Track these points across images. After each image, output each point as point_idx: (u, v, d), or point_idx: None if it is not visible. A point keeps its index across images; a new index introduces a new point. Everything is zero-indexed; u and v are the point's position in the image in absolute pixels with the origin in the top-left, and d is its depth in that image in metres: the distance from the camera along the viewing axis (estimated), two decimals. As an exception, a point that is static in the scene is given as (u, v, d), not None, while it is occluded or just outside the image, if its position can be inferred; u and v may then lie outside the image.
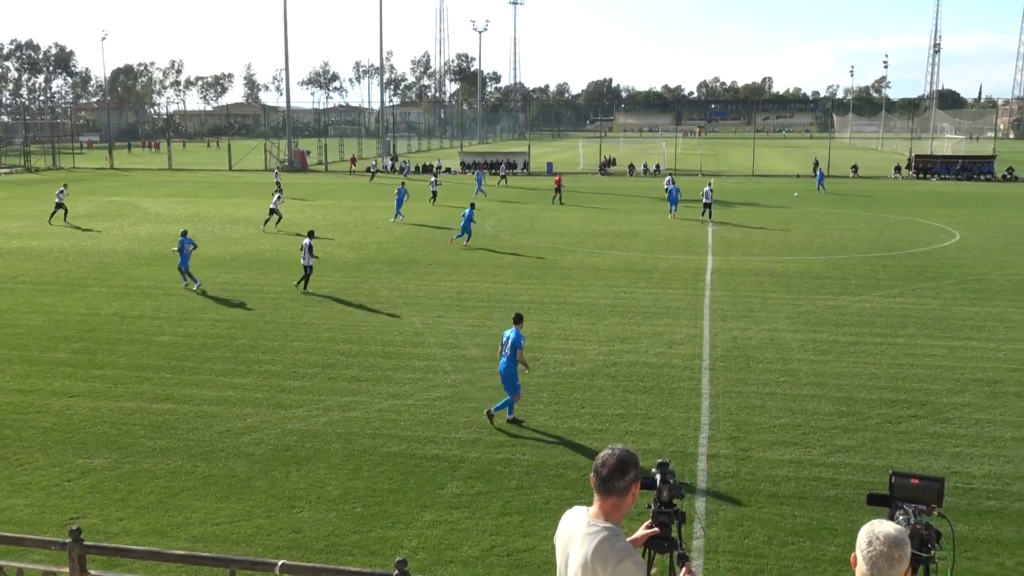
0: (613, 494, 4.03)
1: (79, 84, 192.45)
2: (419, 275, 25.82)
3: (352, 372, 16.17)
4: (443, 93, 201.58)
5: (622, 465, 4.01)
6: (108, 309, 21.42)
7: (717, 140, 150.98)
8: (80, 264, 27.95)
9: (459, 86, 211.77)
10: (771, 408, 14.16)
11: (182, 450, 12.52)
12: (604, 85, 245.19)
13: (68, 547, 4.85)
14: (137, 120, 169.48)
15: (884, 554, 3.29)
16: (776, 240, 32.93)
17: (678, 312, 20.91)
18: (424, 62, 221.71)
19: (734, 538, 9.92)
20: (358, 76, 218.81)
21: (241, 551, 9.52)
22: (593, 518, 4.07)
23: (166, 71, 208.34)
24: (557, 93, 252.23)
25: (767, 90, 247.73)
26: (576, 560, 4.03)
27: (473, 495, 11.05)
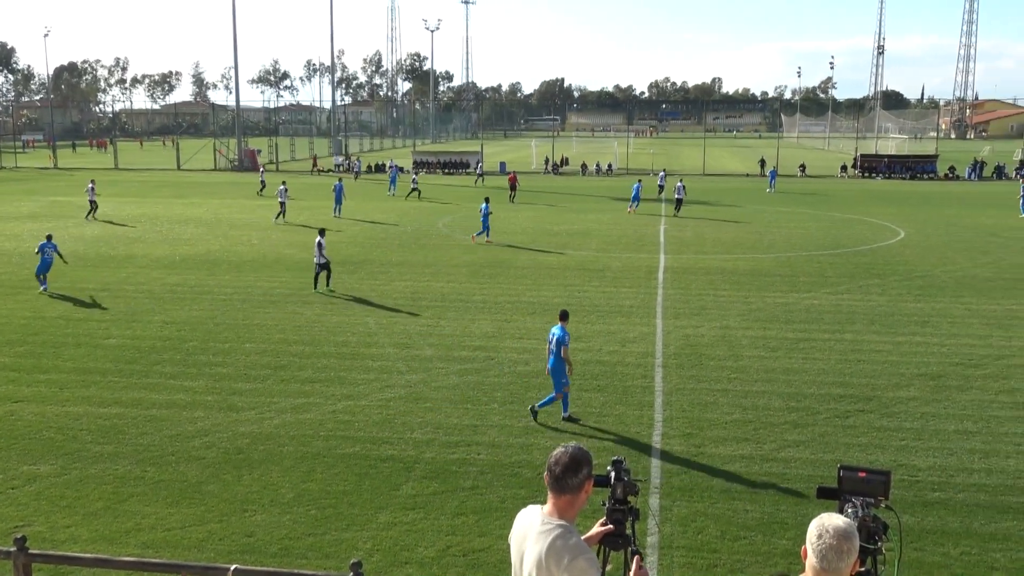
0: (567, 492, 4.06)
1: (21, 82, 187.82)
2: (372, 275, 25.67)
3: (305, 373, 16.02)
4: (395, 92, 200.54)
5: (575, 463, 4.04)
6: (53, 312, 20.95)
7: (668, 140, 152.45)
8: (23, 266, 27.27)
9: (411, 85, 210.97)
10: (723, 404, 14.34)
11: (131, 455, 12.30)
12: (556, 85, 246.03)
13: (13, 556, 4.73)
14: (82, 119, 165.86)
15: (833, 547, 3.34)
16: (727, 239, 33.35)
17: (631, 311, 21.08)
18: (376, 61, 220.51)
19: (688, 534, 10.03)
20: (309, 75, 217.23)
21: (193, 556, 9.39)
22: (547, 516, 4.09)
23: (111, 69, 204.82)
24: (510, 92, 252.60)
25: (717, 90, 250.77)
26: (530, 558, 4.04)
27: (428, 495, 11.02)
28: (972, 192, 55.60)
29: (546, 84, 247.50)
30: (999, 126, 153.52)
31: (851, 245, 31.74)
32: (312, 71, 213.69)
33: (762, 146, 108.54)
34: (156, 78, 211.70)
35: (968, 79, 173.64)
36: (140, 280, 24.94)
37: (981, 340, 18.34)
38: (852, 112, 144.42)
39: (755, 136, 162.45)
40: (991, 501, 10.87)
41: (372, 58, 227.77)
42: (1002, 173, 68.20)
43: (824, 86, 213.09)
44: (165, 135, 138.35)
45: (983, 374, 15.97)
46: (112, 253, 29.91)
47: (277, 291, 23.37)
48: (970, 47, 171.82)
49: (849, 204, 47.00)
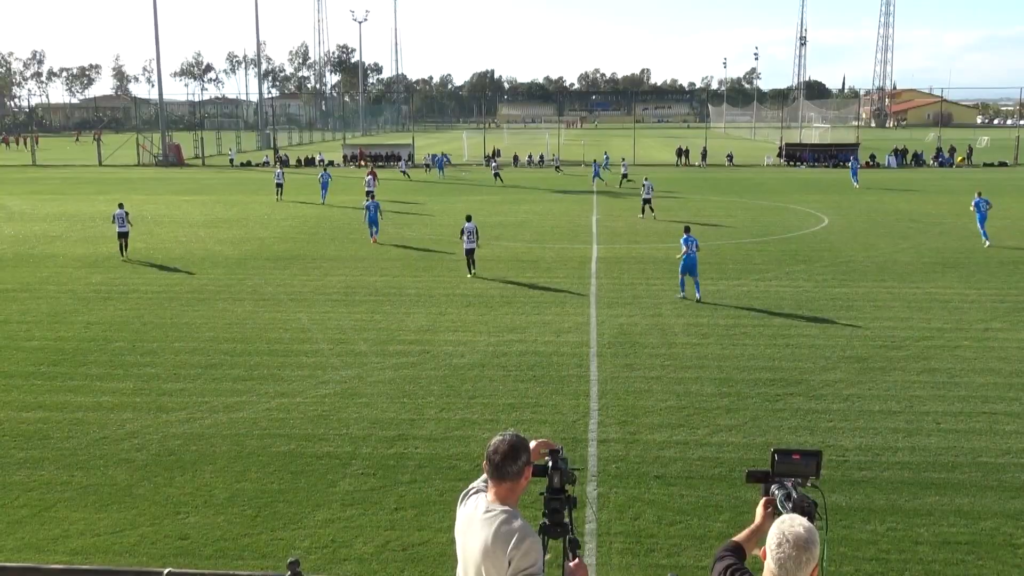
0: (507, 478, 4.13)
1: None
2: (304, 270, 25.34)
3: (237, 372, 15.75)
4: (324, 85, 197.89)
5: (513, 450, 4.12)
6: (-31, 314, 20.18)
7: (598, 131, 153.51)
8: (-64, 267, 26.22)
9: (340, 78, 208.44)
10: (657, 392, 14.54)
11: (56, 460, 11.94)
12: (487, 76, 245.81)
13: (-67, 568, 4.56)
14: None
15: (792, 557, 3.34)
16: (658, 228, 33.77)
17: (565, 301, 21.21)
18: (303, 53, 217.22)
19: (625, 520, 10.15)
20: (232, 67, 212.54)
21: (125, 561, 9.16)
22: (490, 503, 4.14)
23: (27, 62, 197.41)
24: (440, 84, 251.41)
25: (646, 81, 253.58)
26: (476, 545, 4.07)
27: (366, 491, 10.95)
28: (893, 179, 57.25)
29: (477, 76, 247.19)
30: (916, 114, 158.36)
31: (778, 232, 32.44)
32: (236, 64, 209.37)
33: (690, 136, 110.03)
34: (75, 71, 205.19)
35: (886, 69, 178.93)
36: (62, 280, 24.18)
37: (903, 323, 18.94)
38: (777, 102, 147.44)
39: (683, 126, 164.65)
40: (915, 478, 11.25)
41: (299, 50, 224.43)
42: (920, 160, 70.38)
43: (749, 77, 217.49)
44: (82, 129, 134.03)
45: (905, 355, 16.50)
46: (31, 252, 28.94)
47: (206, 288, 22.90)
48: (888, 38, 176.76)
49: (775, 192, 48.01)
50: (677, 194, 47.19)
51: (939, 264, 25.86)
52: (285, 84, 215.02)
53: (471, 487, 4.38)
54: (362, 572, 9.03)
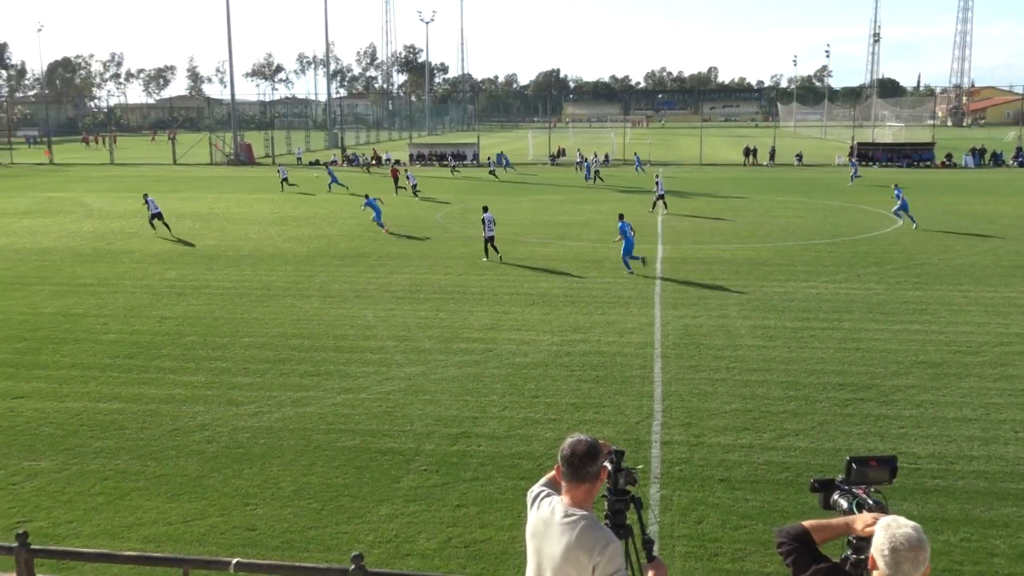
0: (586, 481, 4.08)
1: (14, 78, 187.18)
2: (370, 268, 25.66)
3: (304, 367, 16.02)
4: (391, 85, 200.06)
5: (592, 452, 4.07)
6: (51, 308, 20.93)
7: (665, 130, 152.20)
8: (20, 262, 27.25)
9: (407, 77, 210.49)
10: (722, 394, 14.36)
11: (131, 450, 12.30)
12: (552, 75, 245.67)
13: (15, 552, 4.74)
14: (77, 114, 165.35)
15: (910, 559, 3.27)
16: (724, 228, 33.34)
17: (630, 301, 21.08)
18: (371, 53, 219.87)
19: (688, 523, 10.05)
20: (302, 68, 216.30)
21: (195, 550, 9.40)
22: (568, 507, 4.08)
23: (106, 64, 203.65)
24: (505, 84, 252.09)
25: (713, 80, 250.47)
26: (555, 550, 4.03)
27: (429, 487, 11.04)
28: (970, 179, 55.58)
29: (542, 75, 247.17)
30: (996, 113, 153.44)
31: (849, 233, 31.75)
32: (305, 64, 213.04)
33: (758, 135, 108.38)
34: (151, 73, 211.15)
35: (964, 66, 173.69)
36: (137, 275, 24.91)
37: (979, 327, 18.37)
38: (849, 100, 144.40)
39: (751, 125, 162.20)
40: (990, 488, 10.90)
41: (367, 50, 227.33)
42: (999, 160, 68.17)
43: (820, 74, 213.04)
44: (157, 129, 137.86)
45: (981, 361, 16.00)
46: (109, 248, 29.87)
47: (275, 285, 23.35)
48: (966, 34, 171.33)
49: (846, 193, 46.99)
50: (744, 195, 46.53)
51: (1019, 268, 25.00)
52: (353, 84, 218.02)
53: (540, 490, 4.32)
54: (425, 568, 9.10)
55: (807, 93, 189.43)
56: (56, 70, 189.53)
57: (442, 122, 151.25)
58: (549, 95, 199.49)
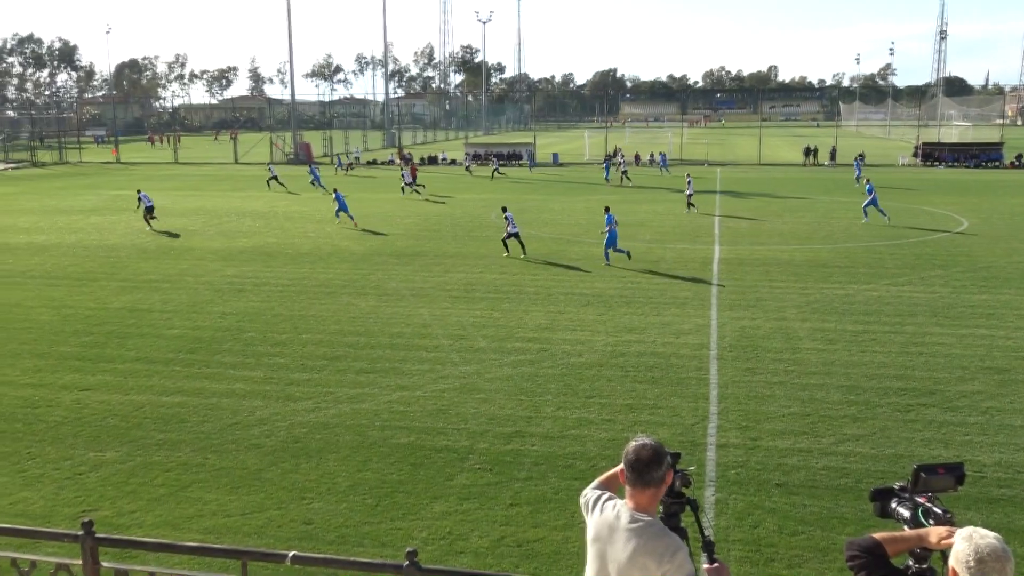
0: (651, 485, 4.02)
1: (83, 79, 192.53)
2: (426, 266, 25.83)
3: (360, 364, 16.19)
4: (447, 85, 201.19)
5: (658, 455, 4.01)
6: (117, 303, 21.48)
7: (723, 129, 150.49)
8: (87, 258, 28.02)
9: (464, 77, 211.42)
10: (780, 397, 14.14)
11: (192, 443, 12.57)
12: (609, 75, 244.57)
13: (81, 540, 4.86)
14: (143, 114, 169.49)
15: (997, 570, 3.18)
16: (784, 229, 32.85)
17: (685, 302, 20.88)
18: (428, 53, 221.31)
19: (744, 528, 9.92)
20: (361, 68, 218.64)
21: (253, 543, 9.56)
22: (635, 512, 4.03)
23: (171, 65, 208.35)
24: (562, 83, 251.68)
25: (773, 79, 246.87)
26: (621, 556, 3.98)
27: (482, 486, 11.07)
28: (1040, 180, 53.88)
29: (599, 75, 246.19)
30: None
31: (912, 235, 31.02)
32: (364, 65, 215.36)
33: (820, 134, 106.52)
34: (214, 73, 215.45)
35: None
36: (199, 272, 25.43)
37: (1049, 333, 17.79)
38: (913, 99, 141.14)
39: (812, 125, 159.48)
40: (1060, 498, 10.55)
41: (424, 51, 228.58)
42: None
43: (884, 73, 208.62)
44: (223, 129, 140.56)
45: (1051, 368, 15.49)
46: (172, 245, 30.56)
47: (333, 282, 23.64)
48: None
49: (910, 193, 45.93)
50: (803, 195, 45.77)
51: (1092, 271, 24.17)
52: (411, 84, 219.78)
53: (600, 493, 4.25)
54: (477, 566, 9.13)
55: (870, 92, 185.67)
56: (123, 71, 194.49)
57: (498, 122, 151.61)
58: (606, 95, 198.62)
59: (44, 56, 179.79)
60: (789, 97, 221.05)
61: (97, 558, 4.91)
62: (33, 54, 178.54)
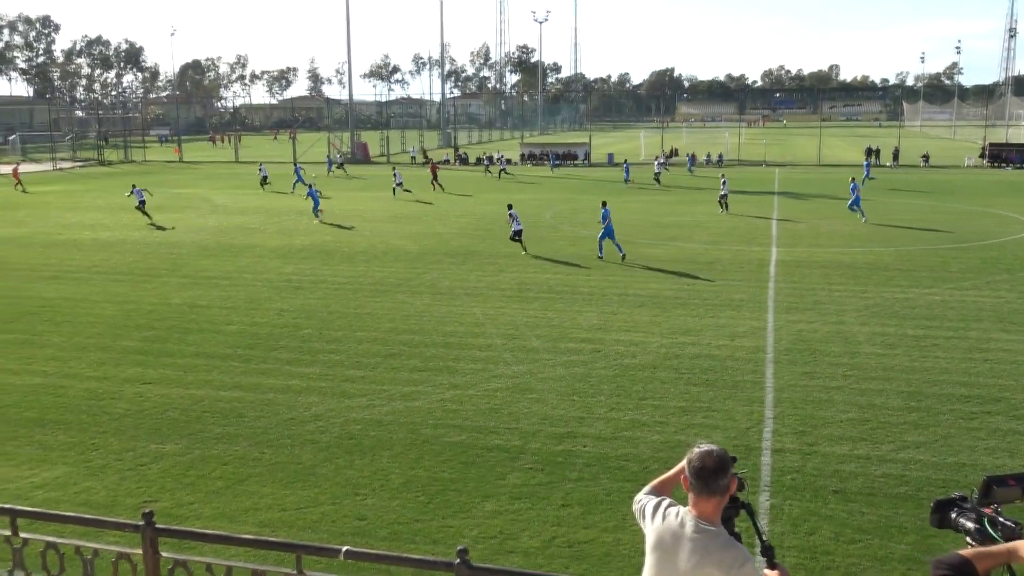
0: (716, 493, 3.95)
1: (148, 79, 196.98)
2: (480, 266, 25.91)
3: (414, 362, 16.31)
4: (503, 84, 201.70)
5: (723, 463, 3.94)
6: (178, 299, 21.95)
7: (782, 129, 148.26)
8: (151, 255, 28.69)
9: (519, 77, 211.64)
10: (838, 402, 13.89)
11: (249, 437, 12.78)
12: (666, 75, 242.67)
13: (141, 530, 4.98)
14: (205, 114, 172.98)
15: None
16: (844, 231, 32.25)
17: (741, 304, 20.63)
18: (484, 54, 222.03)
19: (799, 534, 9.76)
20: (417, 68, 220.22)
21: (307, 537, 9.68)
22: (700, 521, 3.96)
23: (232, 66, 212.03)
24: (618, 83, 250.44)
25: (834, 78, 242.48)
26: (685, 565, 3.90)
27: (534, 486, 11.06)
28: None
29: (655, 74, 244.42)
30: None
31: (977, 238, 30.21)
32: (421, 65, 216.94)
33: (882, 135, 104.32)
34: (274, 74, 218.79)
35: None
36: (258, 269, 25.87)
37: (1122, 340, 17.18)
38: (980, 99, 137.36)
39: (875, 125, 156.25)
40: None
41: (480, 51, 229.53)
42: None
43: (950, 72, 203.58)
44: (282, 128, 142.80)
45: (1124, 377, 14.96)
46: (232, 243, 31.12)
47: (387, 281, 23.85)
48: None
49: (976, 195, 44.74)
50: (865, 197, 44.81)
51: None
52: (466, 84, 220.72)
53: (659, 499, 4.15)
54: (528, 565, 9.13)
55: (935, 91, 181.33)
56: (187, 72, 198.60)
57: (554, 122, 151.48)
58: (662, 94, 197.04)
59: (111, 57, 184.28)
60: (850, 97, 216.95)
61: (157, 548, 5.02)
62: (101, 55, 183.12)
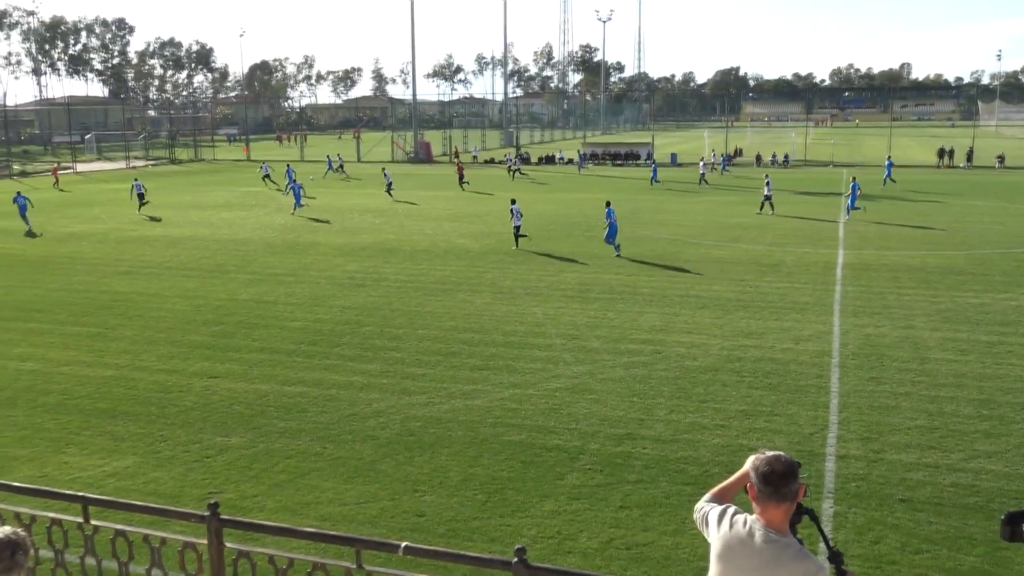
0: (785, 500, 3.87)
1: (218, 80, 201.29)
2: (540, 265, 25.90)
3: (474, 361, 16.37)
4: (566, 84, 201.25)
5: (791, 469, 3.86)
6: (245, 295, 22.40)
7: (851, 129, 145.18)
8: (219, 251, 29.33)
9: (582, 77, 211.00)
10: (906, 409, 13.55)
11: (312, 432, 12.98)
12: (731, 74, 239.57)
13: (207, 520, 5.09)
14: (272, 114, 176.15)
15: None
16: (914, 234, 31.45)
17: (806, 307, 20.25)
18: (547, 53, 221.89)
19: (863, 543, 9.55)
20: (480, 68, 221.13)
21: (367, 531, 9.80)
22: (770, 531, 3.89)
23: (299, 66, 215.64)
24: (682, 82, 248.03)
25: (906, 76, 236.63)
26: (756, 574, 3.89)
27: (593, 487, 11.02)
28: None
29: (720, 73, 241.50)
30: None
31: (1056, 242, 29.17)
32: (484, 65, 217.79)
33: (955, 135, 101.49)
34: (339, 74, 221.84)
35: None
36: (322, 266, 26.25)
37: None
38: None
39: (947, 125, 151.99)
40: None
41: (543, 50, 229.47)
42: None
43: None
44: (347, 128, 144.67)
45: None
46: (297, 241, 31.63)
47: (449, 279, 23.99)
48: None
49: (1054, 198, 43.21)
50: (937, 198, 43.69)
51: None
52: (529, 84, 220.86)
53: (724, 506, 4.09)
54: (586, 566, 9.10)
55: (1012, 90, 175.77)
56: (255, 72, 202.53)
57: (616, 121, 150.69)
58: (727, 93, 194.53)
59: (183, 58, 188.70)
60: (922, 96, 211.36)
61: (221, 538, 5.13)
62: (173, 57, 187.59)
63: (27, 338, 18.44)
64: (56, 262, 27.72)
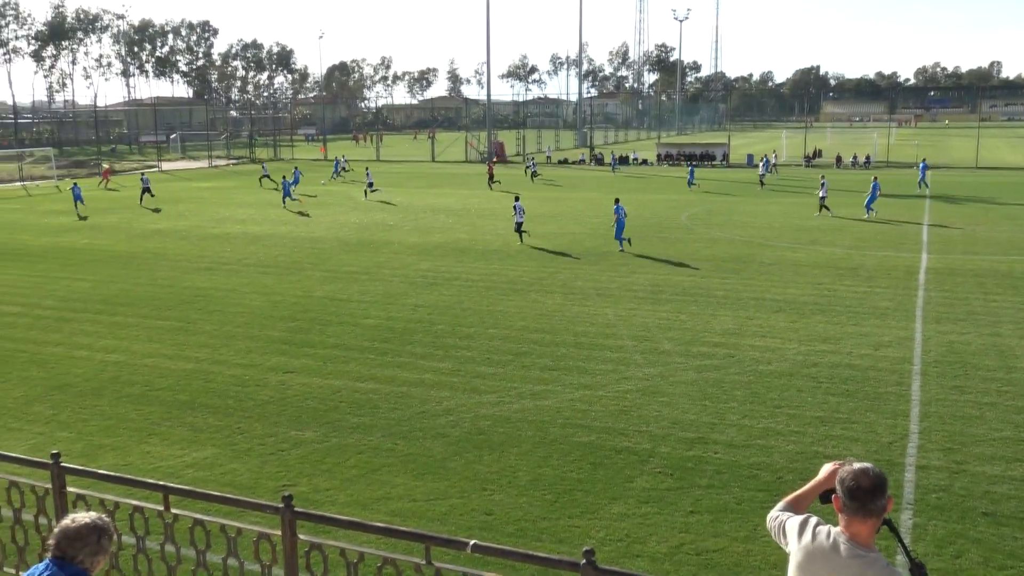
0: (873, 515, 3.75)
1: (298, 80, 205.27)
2: (613, 267, 25.77)
3: (544, 361, 16.37)
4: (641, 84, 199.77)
5: (881, 482, 3.73)
6: (320, 292, 22.81)
7: (936, 130, 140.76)
8: (296, 249, 29.93)
9: (658, 77, 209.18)
10: (991, 419, 13.07)
11: (383, 428, 13.14)
12: (811, 73, 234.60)
13: (281, 512, 5.20)
14: (349, 114, 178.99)
15: None
16: (1002, 238, 30.34)
17: (887, 313, 19.71)
18: (622, 53, 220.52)
19: (944, 557, 9.24)
20: (555, 68, 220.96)
21: (436, 528, 9.87)
22: (857, 545, 3.77)
23: (376, 67, 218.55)
24: (760, 82, 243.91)
25: (995, 75, 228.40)
26: None
27: (662, 490, 10.91)
28: None
29: (800, 72, 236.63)
30: None
31: None
32: (558, 65, 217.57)
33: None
34: (415, 75, 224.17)
35: None
36: (395, 265, 26.57)
37: None
38: None
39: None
40: None
41: (618, 50, 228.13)
42: None
43: None
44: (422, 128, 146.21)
45: None
46: (371, 239, 32.09)
47: (521, 279, 24.04)
48: None
49: None
50: (1019, 201, 42.06)
51: None
52: (604, 84, 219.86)
53: (805, 516, 3.98)
54: (654, 571, 9.01)
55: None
56: (333, 73, 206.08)
57: (692, 121, 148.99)
58: (807, 93, 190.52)
59: (264, 60, 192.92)
60: (1013, 95, 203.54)
61: (295, 530, 5.23)
62: (254, 58, 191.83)
63: (113, 331, 19.11)
64: (141, 258, 28.67)
